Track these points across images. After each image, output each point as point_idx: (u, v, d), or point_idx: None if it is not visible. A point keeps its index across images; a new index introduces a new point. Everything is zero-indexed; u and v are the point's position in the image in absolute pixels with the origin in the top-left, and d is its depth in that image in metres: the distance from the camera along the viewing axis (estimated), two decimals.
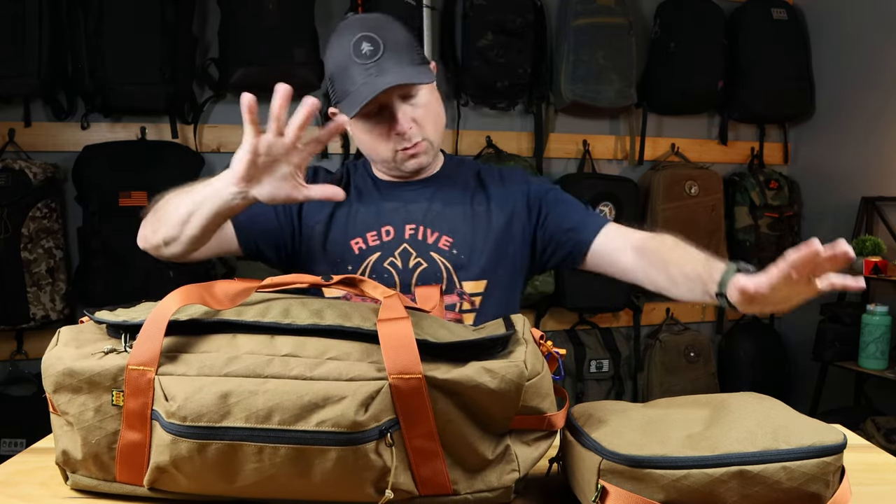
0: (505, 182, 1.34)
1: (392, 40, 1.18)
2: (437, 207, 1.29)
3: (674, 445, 0.70)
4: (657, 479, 0.68)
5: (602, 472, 0.70)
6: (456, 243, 1.27)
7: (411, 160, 1.25)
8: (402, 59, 1.18)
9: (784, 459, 0.68)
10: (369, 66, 1.16)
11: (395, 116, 1.20)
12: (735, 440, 0.70)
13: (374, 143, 1.24)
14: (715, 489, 0.68)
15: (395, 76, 1.15)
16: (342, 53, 1.18)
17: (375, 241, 1.26)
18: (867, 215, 2.89)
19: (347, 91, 1.18)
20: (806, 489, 0.68)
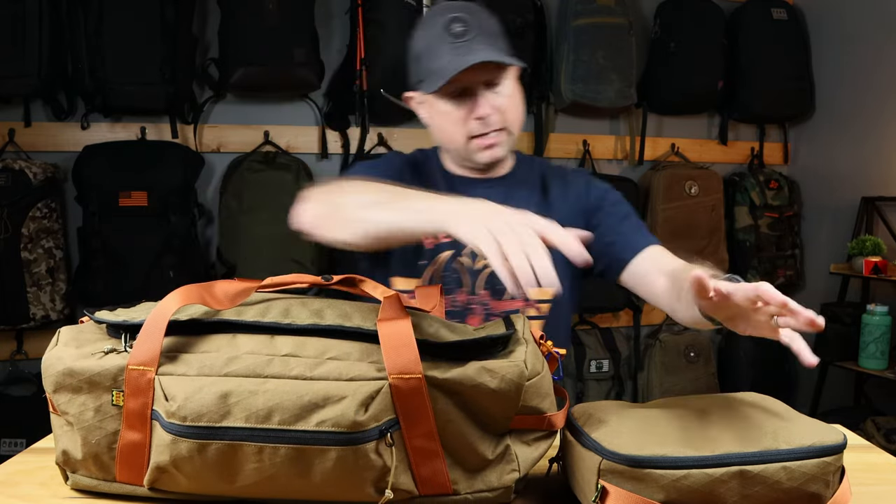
0: (568, 186, 1.30)
1: (483, 25, 1.16)
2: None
3: (673, 445, 0.70)
4: (657, 479, 0.68)
5: (602, 472, 0.70)
6: None
7: (486, 151, 1.21)
8: (492, 42, 1.16)
9: (784, 459, 0.68)
10: (458, 44, 1.13)
11: (477, 100, 1.17)
12: (735, 440, 0.70)
13: (451, 126, 1.20)
14: (715, 489, 0.68)
15: (485, 54, 1.12)
16: (431, 33, 1.16)
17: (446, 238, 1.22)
18: (867, 215, 2.89)
19: (432, 69, 1.16)
20: (806, 489, 0.68)
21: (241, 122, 2.66)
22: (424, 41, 1.19)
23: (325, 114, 2.69)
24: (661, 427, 0.75)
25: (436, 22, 1.17)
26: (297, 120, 2.70)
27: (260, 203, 2.48)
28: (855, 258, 2.75)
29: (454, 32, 1.14)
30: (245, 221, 2.48)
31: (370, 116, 2.59)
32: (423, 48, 1.19)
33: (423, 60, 1.19)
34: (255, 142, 2.64)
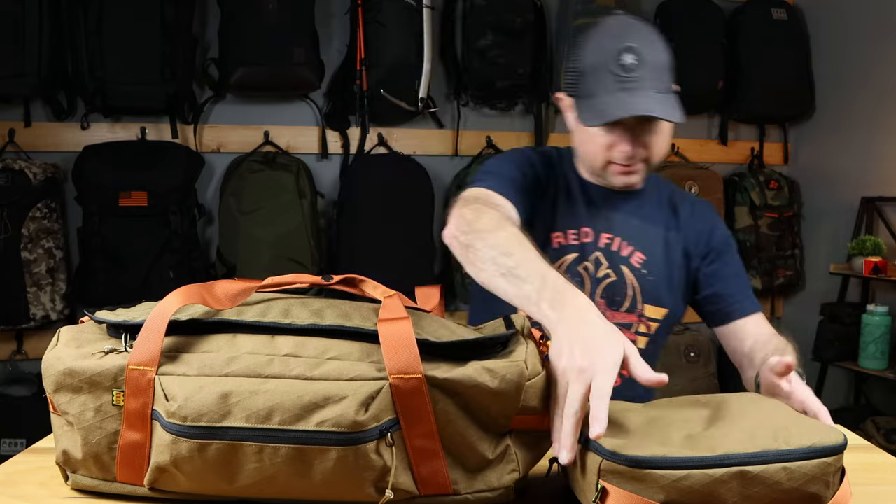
0: (695, 214, 1.32)
1: (654, 60, 1.14)
2: (637, 223, 1.27)
3: (674, 446, 0.70)
4: (657, 480, 0.68)
5: (602, 472, 0.70)
6: (648, 263, 1.25)
7: (622, 177, 1.22)
8: (659, 84, 1.14)
9: (784, 460, 0.68)
10: (626, 80, 1.11)
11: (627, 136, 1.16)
12: (735, 441, 0.70)
13: (595, 147, 1.21)
14: (715, 490, 0.67)
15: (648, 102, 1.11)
16: (602, 55, 1.14)
17: (575, 241, 1.24)
18: (867, 215, 2.89)
19: (594, 95, 1.14)
20: (806, 490, 0.68)
21: (241, 122, 2.66)
22: (592, 60, 1.15)
23: (325, 114, 2.69)
24: (661, 427, 0.75)
25: (608, 43, 1.14)
26: (297, 120, 2.70)
27: (260, 203, 2.48)
28: (855, 258, 2.75)
29: (625, 64, 1.12)
30: (245, 221, 2.48)
31: (370, 116, 2.59)
32: (589, 67, 1.15)
33: (585, 79, 1.16)
34: (255, 142, 2.64)
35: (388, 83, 2.50)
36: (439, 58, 2.73)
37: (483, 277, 0.96)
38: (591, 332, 0.76)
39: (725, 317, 1.29)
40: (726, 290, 1.30)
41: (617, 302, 1.23)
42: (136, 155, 2.43)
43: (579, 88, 1.17)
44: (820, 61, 3.11)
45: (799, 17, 3.09)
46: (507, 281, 0.91)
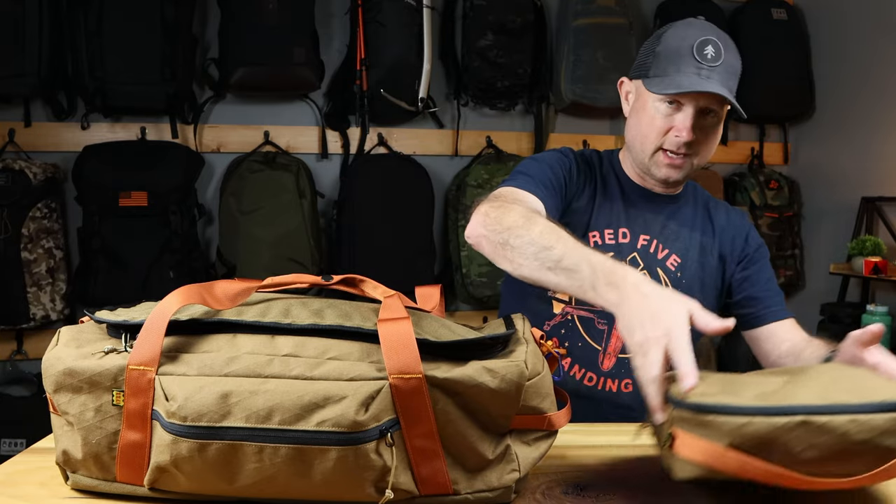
0: (730, 221, 1.36)
1: (729, 61, 1.21)
2: (674, 226, 1.30)
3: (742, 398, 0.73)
4: (720, 426, 0.71)
5: (674, 419, 0.75)
6: (682, 266, 1.27)
7: (666, 168, 1.25)
8: (729, 80, 1.21)
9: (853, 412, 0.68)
10: (703, 67, 1.18)
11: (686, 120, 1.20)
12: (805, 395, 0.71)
13: (651, 131, 1.24)
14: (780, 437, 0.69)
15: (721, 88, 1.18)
16: (684, 42, 1.19)
17: (611, 241, 1.27)
18: (867, 215, 2.89)
19: (668, 73, 1.19)
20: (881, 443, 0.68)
21: (241, 122, 2.66)
22: (674, 44, 1.20)
23: (325, 114, 2.69)
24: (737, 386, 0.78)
25: (691, 33, 1.20)
26: (297, 120, 2.70)
27: (260, 203, 2.48)
28: (855, 258, 2.75)
29: (705, 54, 1.18)
30: (245, 221, 2.48)
31: (370, 116, 2.59)
32: (670, 50, 1.20)
33: (662, 60, 1.20)
34: (255, 142, 2.64)
35: (388, 83, 2.50)
36: (439, 58, 2.73)
37: (525, 272, 0.96)
38: (655, 302, 0.81)
39: (758, 320, 1.31)
40: (759, 293, 1.32)
41: None
42: (136, 155, 2.43)
43: (653, 69, 1.21)
44: (820, 61, 3.11)
45: (799, 17, 3.09)
46: (556, 273, 0.92)
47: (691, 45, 1.18)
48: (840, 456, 0.69)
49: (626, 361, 1.23)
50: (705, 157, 1.26)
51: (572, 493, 0.82)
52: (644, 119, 1.24)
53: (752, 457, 0.71)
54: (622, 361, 1.25)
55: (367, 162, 2.67)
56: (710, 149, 1.26)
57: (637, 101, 1.27)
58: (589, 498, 0.80)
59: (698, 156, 1.24)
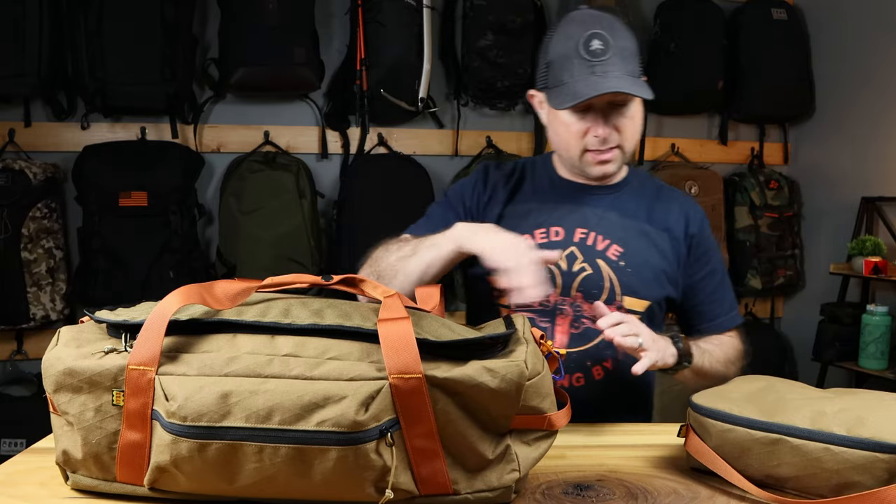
0: (682, 210, 1.34)
1: (621, 46, 1.18)
2: (613, 217, 1.29)
3: (739, 407, 0.81)
4: (709, 428, 0.82)
5: (690, 415, 0.86)
6: (625, 255, 1.26)
7: (598, 166, 1.25)
8: (626, 66, 1.18)
9: (830, 442, 0.74)
10: (594, 64, 1.16)
11: (600, 120, 1.20)
12: (799, 416, 0.77)
13: (570, 137, 1.24)
14: (755, 448, 0.78)
15: (618, 82, 1.15)
16: (569, 43, 1.18)
17: (543, 240, 1.26)
18: (867, 215, 2.89)
19: (563, 81, 1.18)
20: (850, 477, 0.72)
21: (241, 122, 2.66)
22: (560, 49, 1.19)
23: (325, 114, 2.69)
24: (750, 395, 0.84)
25: (574, 32, 1.18)
26: (297, 120, 2.70)
27: (260, 203, 2.48)
28: (855, 258, 2.75)
29: (592, 50, 1.16)
30: (245, 221, 2.48)
31: (370, 116, 2.59)
32: (557, 57, 1.19)
33: (554, 69, 1.20)
34: (255, 142, 2.63)
35: (388, 83, 2.50)
36: (439, 58, 2.73)
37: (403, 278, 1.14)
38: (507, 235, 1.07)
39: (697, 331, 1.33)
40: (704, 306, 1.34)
41: (594, 295, 1.25)
42: (136, 155, 2.43)
43: (549, 79, 1.21)
44: (820, 61, 3.11)
45: (799, 17, 3.09)
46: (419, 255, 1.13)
47: (576, 44, 1.16)
48: (811, 479, 0.75)
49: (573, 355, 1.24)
50: (633, 140, 1.26)
51: (572, 493, 0.82)
52: (560, 129, 1.25)
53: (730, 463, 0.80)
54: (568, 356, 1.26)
55: (367, 162, 2.66)
56: (636, 130, 1.25)
57: (549, 113, 1.26)
58: (589, 498, 0.80)
59: (626, 142, 1.24)
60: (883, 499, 0.70)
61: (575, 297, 1.24)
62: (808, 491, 0.76)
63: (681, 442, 0.89)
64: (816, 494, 0.76)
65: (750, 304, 3.28)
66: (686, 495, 0.82)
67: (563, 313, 1.25)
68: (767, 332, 3.26)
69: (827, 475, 0.73)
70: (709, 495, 0.81)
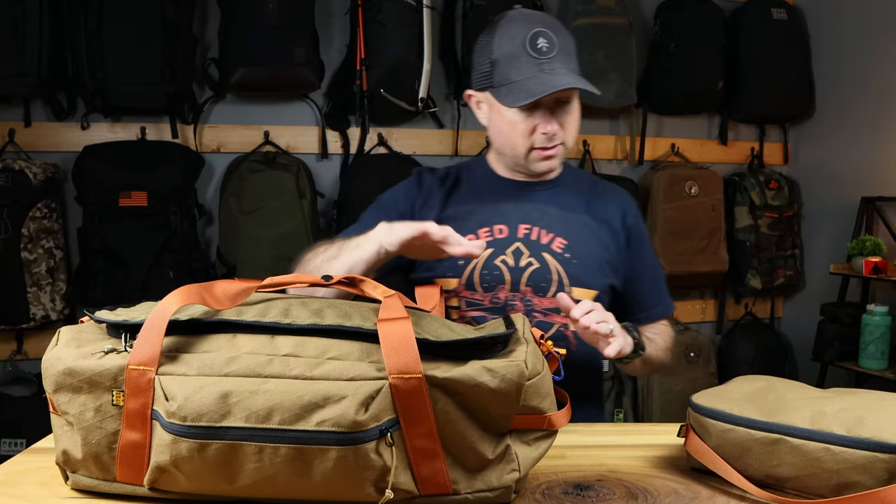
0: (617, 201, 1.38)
1: (563, 44, 1.21)
2: (554, 210, 1.31)
3: (740, 406, 0.81)
4: (709, 428, 0.82)
5: (689, 415, 0.87)
6: (570, 247, 1.28)
7: (544, 162, 1.27)
8: (570, 63, 1.21)
9: (830, 442, 0.74)
10: (542, 62, 1.18)
11: (548, 117, 1.22)
12: (799, 416, 0.77)
13: (516, 135, 1.25)
14: (755, 448, 0.78)
15: (568, 79, 1.18)
16: (514, 42, 1.20)
17: (488, 238, 1.28)
18: (867, 215, 2.89)
19: (511, 79, 1.19)
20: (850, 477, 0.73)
21: (241, 122, 2.66)
22: (505, 48, 1.21)
23: (325, 114, 2.69)
24: (750, 395, 0.84)
25: (517, 30, 1.20)
26: (297, 120, 2.70)
27: (260, 203, 2.48)
28: (855, 258, 2.75)
29: (539, 48, 1.19)
30: (245, 221, 2.48)
31: (370, 116, 2.59)
32: (502, 56, 1.21)
33: (500, 67, 1.21)
34: (255, 142, 2.63)
35: (388, 83, 2.50)
36: (439, 58, 2.73)
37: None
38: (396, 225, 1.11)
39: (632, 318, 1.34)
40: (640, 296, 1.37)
41: (543, 288, 1.27)
42: (136, 155, 2.43)
43: (495, 78, 1.22)
44: (820, 61, 3.11)
45: (799, 17, 3.09)
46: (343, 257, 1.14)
47: (523, 42, 1.18)
48: (811, 479, 0.75)
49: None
50: (574, 136, 1.29)
51: (572, 493, 0.82)
52: (506, 128, 1.26)
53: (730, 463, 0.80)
54: None
55: (367, 162, 2.66)
56: (576, 127, 1.28)
57: (492, 112, 1.28)
58: (589, 498, 0.80)
59: (568, 138, 1.27)
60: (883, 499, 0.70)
61: (524, 291, 1.26)
62: (808, 491, 0.76)
63: (681, 442, 0.89)
64: (816, 494, 0.76)
65: (750, 304, 3.28)
66: (686, 495, 0.82)
67: (515, 309, 1.26)
68: (767, 332, 3.26)
69: (827, 475, 0.73)
70: (709, 495, 0.81)
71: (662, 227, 2.91)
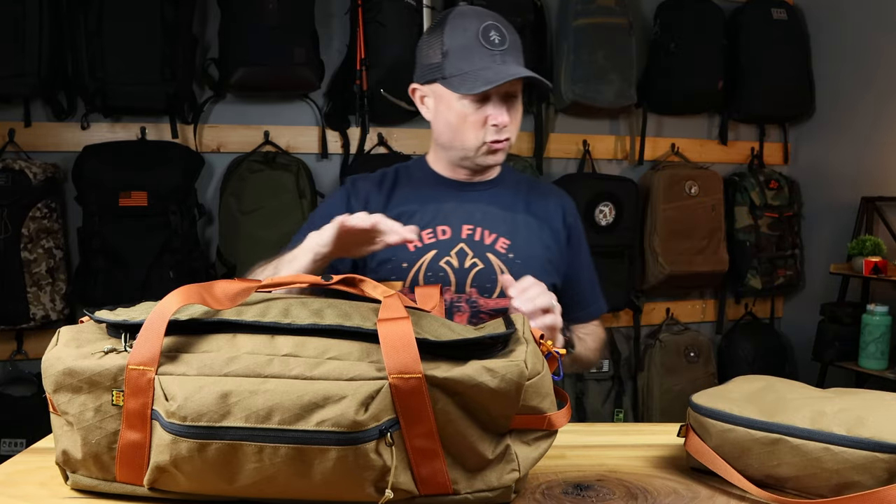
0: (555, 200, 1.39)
1: (514, 40, 1.23)
2: (496, 210, 1.32)
3: (740, 406, 0.81)
4: (709, 428, 0.82)
5: (689, 415, 0.87)
6: (513, 247, 1.29)
7: (492, 155, 1.28)
8: (520, 58, 1.23)
9: (830, 442, 0.74)
10: (495, 53, 1.19)
11: (499, 107, 1.23)
12: (799, 416, 0.77)
13: (466, 128, 1.26)
14: (755, 448, 0.78)
15: (523, 69, 1.20)
16: (467, 34, 1.21)
17: (431, 240, 1.28)
18: (867, 215, 2.89)
19: (465, 70, 1.20)
20: (850, 476, 0.73)
21: (241, 122, 2.66)
22: (458, 40, 1.21)
23: (325, 114, 2.69)
24: (750, 395, 0.84)
25: (469, 23, 1.21)
26: (297, 120, 2.70)
27: (260, 203, 2.48)
28: (855, 258, 2.75)
29: (492, 40, 1.20)
30: (245, 221, 2.48)
31: (370, 116, 2.59)
32: (455, 47, 1.22)
33: (452, 58, 1.22)
34: (255, 142, 2.63)
35: (388, 83, 2.50)
36: None
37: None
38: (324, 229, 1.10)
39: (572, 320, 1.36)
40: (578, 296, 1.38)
41: (488, 289, 1.27)
42: (136, 155, 2.43)
43: (446, 69, 1.23)
44: (820, 61, 3.11)
45: (799, 17, 3.09)
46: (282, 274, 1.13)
47: (476, 34, 1.19)
48: (811, 479, 0.75)
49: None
50: (517, 133, 1.30)
51: (572, 493, 0.82)
52: (455, 120, 1.26)
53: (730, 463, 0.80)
54: None
55: (367, 162, 2.66)
56: (519, 124, 1.30)
57: (440, 105, 1.27)
58: (589, 498, 0.80)
59: (513, 133, 1.28)
60: (883, 499, 0.70)
61: (470, 293, 1.27)
62: (808, 491, 0.76)
63: (681, 442, 0.89)
64: (816, 494, 0.76)
65: (750, 304, 3.28)
66: (686, 495, 0.82)
67: (461, 310, 1.26)
68: (767, 332, 3.26)
69: (827, 475, 0.73)
70: (709, 495, 0.81)
71: (662, 227, 2.91)
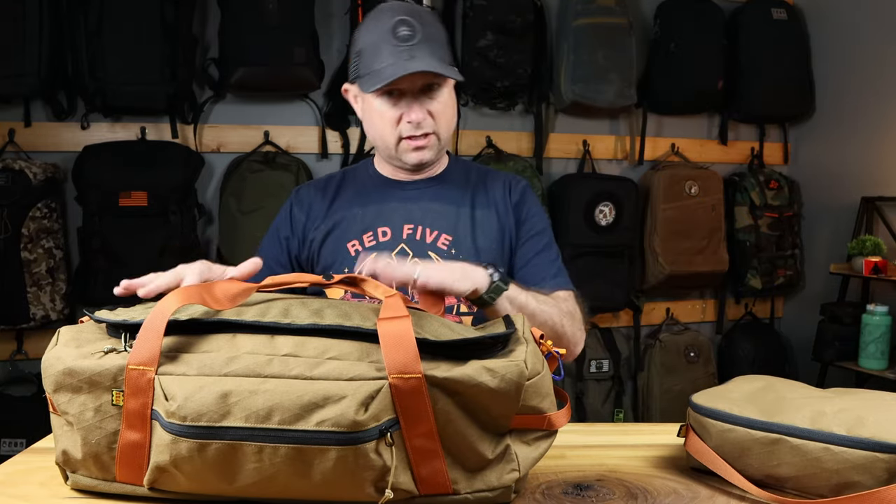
0: (513, 192, 1.35)
1: (429, 32, 1.20)
2: (437, 207, 1.30)
3: (740, 406, 0.81)
4: (709, 428, 0.82)
5: (689, 415, 0.87)
6: (455, 243, 1.27)
7: (415, 153, 1.26)
8: (435, 51, 1.20)
9: (830, 442, 0.74)
10: (402, 49, 1.17)
11: (413, 105, 1.21)
12: (799, 416, 0.77)
13: (384, 125, 1.25)
14: (755, 448, 0.78)
15: (426, 63, 1.17)
16: (377, 32, 1.20)
17: (371, 242, 1.27)
18: (867, 215, 2.89)
19: (373, 68, 1.19)
20: (850, 476, 0.73)
21: (241, 122, 2.66)
22: (369, 38, 1.21)
23: (325, 114, 2.69)
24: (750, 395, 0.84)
25: (382, 21, 1.20)
26: (297, 120, 2.70)
27: (260, 203, 2.48)
28: (855, 258, 2.75)
29: (400, 35, 1.18)
30: (245, 221, 2.48)
31: None
32: (367, 45, 1.21)
33: (364, 57, 1.22)
34: (255, 142, 2.63)
35: None
36: None
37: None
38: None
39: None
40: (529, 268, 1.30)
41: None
42: (136, 155, 2.43)
43: (360, 68, 1.22)
44: (820, 61, 3.11)
45: (799, 17, 3.09)
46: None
47: (385, 32, 1.19)
48: (811, 479, 0.75)
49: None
50: (448, 127, 1.28)
51: (572, 493, 0.82)
52: (374, 118, 1.25)
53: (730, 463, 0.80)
54: None
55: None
56: (450, 117, 1.27)
57: (364, 104, 1.27)
58: (589, 498, 0.80)
59: (440, 128, 1.26)
60: (883, 499, 0.70)
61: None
62: (808, 491, 0.76)
63: (681, 442, 0.89)
64: (816, 494, 0.76)
65: (750, 304, 3.28)
66: (686, 495, 0.82)
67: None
68: (767, 332, 3.26)
69: (827, 475, 0.73)
70: (709, 495, 0.81)
71: (662, 227, 2.91)
